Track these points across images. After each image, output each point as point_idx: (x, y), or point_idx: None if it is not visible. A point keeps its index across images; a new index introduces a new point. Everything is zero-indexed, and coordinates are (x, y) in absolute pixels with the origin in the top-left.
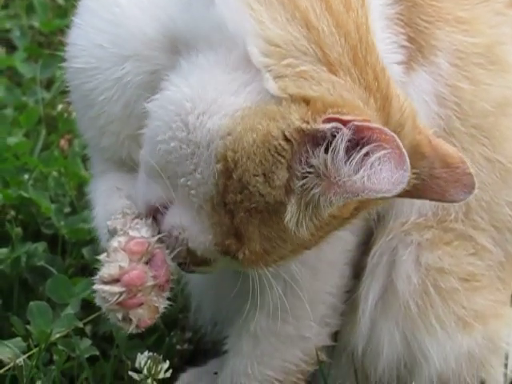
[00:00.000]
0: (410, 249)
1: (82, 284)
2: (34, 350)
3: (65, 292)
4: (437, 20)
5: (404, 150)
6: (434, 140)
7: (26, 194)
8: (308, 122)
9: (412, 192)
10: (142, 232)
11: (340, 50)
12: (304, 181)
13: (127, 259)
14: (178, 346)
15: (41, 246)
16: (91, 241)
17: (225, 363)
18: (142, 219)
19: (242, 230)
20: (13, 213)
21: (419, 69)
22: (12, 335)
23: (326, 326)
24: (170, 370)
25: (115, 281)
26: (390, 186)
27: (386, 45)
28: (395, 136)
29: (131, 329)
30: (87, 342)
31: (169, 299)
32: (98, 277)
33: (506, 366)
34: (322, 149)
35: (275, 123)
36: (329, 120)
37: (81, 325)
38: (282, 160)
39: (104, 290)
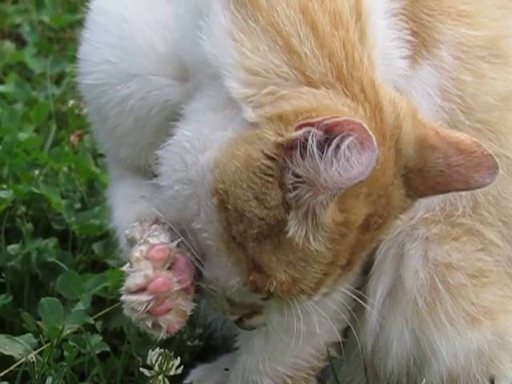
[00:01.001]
0: (417, 243)
1: (92, 280)
2: (45, 346)
3: (75, 288)
4: (439, 14)
5: (370, 132)
6: (442, 131)
7: (36, 190)
8: (282, 135)
9: (435, 187)
10: (161, 238)
11: (323, 71)
12: (296, 192)
13: (151, 267)
14: (189, 343)
15: (51, 242)
16: (102, 236)
17: (236, 359)
18: (159, 225)
19: (259, 260)
20: (23, 208)
21: (423, 62)
22: (23, 331)
23: (337, 322)
24: (182, 367)
25: (142, 290)
26: (362, 168)
27: (391, 41)
28: (362, 122)
29: (162, 335)
30: (98, 338)
31: (194, 301)
32: (124, 288)
33: None
34: (299, 155)
35: (253, 146)
36: (300, 126)
37: (91, 321)
38: (271, 179)
39: (132, 301)
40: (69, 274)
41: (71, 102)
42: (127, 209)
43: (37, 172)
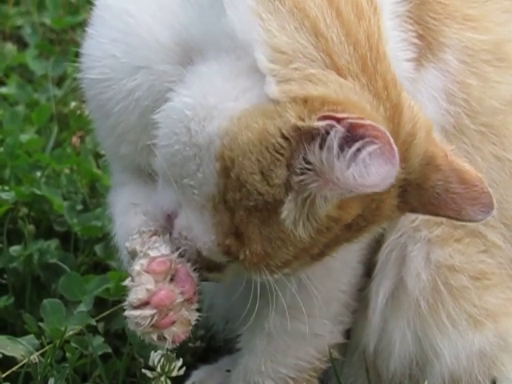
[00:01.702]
0: (419, 245)
1: (94, 281)
2: (47, 348)
3: (77, 289)
4: (445, 17)
5: (395, 145)
6: (450, 156)
7: (38, 192)
8: (304, 120)
9: (427, 207)
10: (161, 250)
11: (348, 58)
12: (302, 177)
13: (152, 280)
14: (191, 344)
15: (53, 244)
16: (103, 238)
17: (238, 361)
18: (159, 236)
19: (242, 229)
20: (25, 210)
21: (428, 65)
22: (25, 333)
23: (339, 323)
24: (184, 368)
25: (145, 304)
26: (379, 180)
27: (397, 43)
28: (386, 132)
29: (167, 346)
30: (100, 339)
31: (198, 310)
32: (126, 303)
33: None
34: (317, 145)
35: (272, 121)
36: (324, 117)
37: (93, 322)
38: (281, 158)
39: (135, 316)
40: (71, 276)
41: (73, 104)
42: (123, 222)
43: (39, 174)
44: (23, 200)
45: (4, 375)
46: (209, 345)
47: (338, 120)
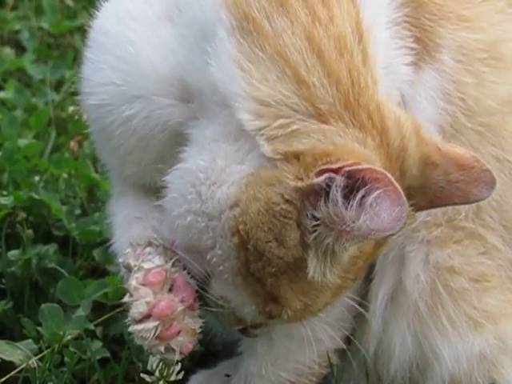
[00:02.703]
0: (418, 246)
1: (92, 286)
2: (46, 352)
3: (76, 294)
4: (440, 18)
5: (396, 184)
6: (443, 147)
7: (36, 196)
8: (302, 179)
9: (434, 201)
10: (155, 261)
11: (331, 100)
12: (315, 234)
13: (151, 292)
14: None
15: (52, 248)
16: (102, 242)
17: (238, 365)
18: (153, 247)
19: (276, 293)
20: (24, 214)
21: (426, 67)
22: (23, 337)
23: (340, 329)
24: (182, 373)
25: (147, 317)
26: (392, 223)
27: (395, 50)
28: (386, 173)
29: (176, 357)
30: (98, 343)
31: (200, 317)
32: (129, 319)
33: None
34: (322, 201)
35: (273, 189)
36: (320, 172)
37: (92, 327)
38: (290, 222)
39: (139, 330)
40: (69, 280)
41: (71, 108)
42: (124, 233)
43: (37, 178)
44: (21, 204)
45: (2, 380)
46: (207, 349)
47: (335, 171)
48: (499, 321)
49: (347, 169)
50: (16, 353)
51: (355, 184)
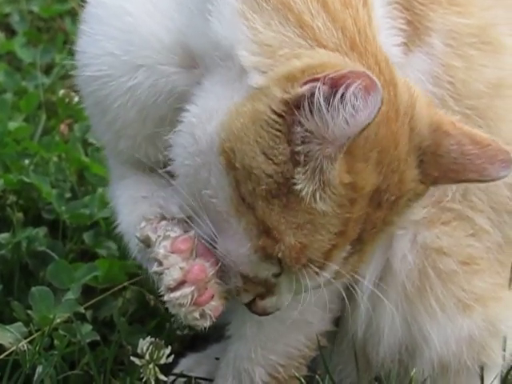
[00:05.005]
0: (405, 225)
1: (82, 269)
2: (36, 335)
3: (66, 277)
4: (431, 2)
5: (374, 77)
6: (457, 122)
7: (26, 179)
8: (289, 92)
9: (448, 174)
10: (177, 231)
11: (337, 41)
12: (304, 145)
13: (181, 259)
14: (179, 332)
15: (41, 231)
16: (92, 226)
17: (227, 348)
18: (168, 220)
19: (268, 222)
20: (14, 198)
21: (415, 50)
22: (13, 320)
23: (330, 311)
24: (172, 356)
25: (182, 283)
26: (368, 110)
27: (386, 29)
28: (365, 70)
29: (209, 322)
30: (88, 327)
31: None
32: (162, 288)
33: (504, 349)
34: (308, 110)
35: (259, 101)
36: (305, 82)
37: (82, 310)
38: (279, 133)
39: (177, 297)
40: (59, 263)
41: (61, 92)
42: (131, 212)
43: (27, 161)
44: (11, 188)
45: None
46: (197, 333)
47: (319, 79)
48: (488, 304)
49: (330, 76)
50: (6, 336)
51: (338, 88)
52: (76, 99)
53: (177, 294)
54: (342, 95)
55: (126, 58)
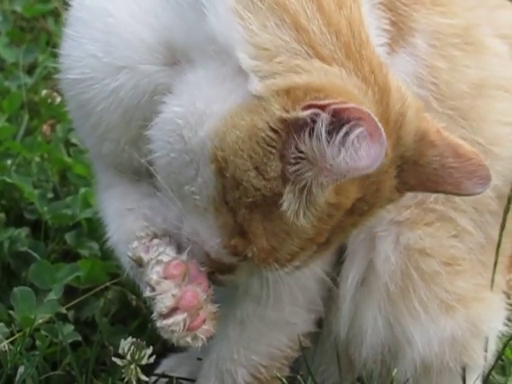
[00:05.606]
0: (387, 226)
1: (64, 269)
2: (17, 336)
3: (48, 277)
4: (414, 3)
5: (380, 124)
6: (443, 132)
7: (8, 180)
8: (288, 111)
9: (425, 183)
10: (170, 253)
11: (332, 48)
12: (297, 166)
13: (173, 285)
14: None
15: (24, 232)
16: (74, 226)
17: (210, 349)
18: (160, 239)
19: (246, 227)
20: None
21: (399, 50)
22: None
23: (312, 312)
24: (154, 356)
25: (174, 310)
26: (370, 161)
27: (371, 29)
28: (370, 113)
29: (200, 344)
30: (70, 327)
31: None
32: (155, 314)
33: (486, 349)
34: (306, 135)
35: (259, 116)
36: (308, 107)
37: (64, 310)
38: (273, 150)
39: (169, 324)
40: (41, 264)
41: (44, 92)
42: (119, 226)
43: (9, 161)
44: None
45: None
46: None
47: (322, 107)
48: (471, 304)
49: (334, 106)
50: None
51: (340, 122)
52: (59, 100)
53: (169, 321)
54: (346, 134)
55: (108, 60)
